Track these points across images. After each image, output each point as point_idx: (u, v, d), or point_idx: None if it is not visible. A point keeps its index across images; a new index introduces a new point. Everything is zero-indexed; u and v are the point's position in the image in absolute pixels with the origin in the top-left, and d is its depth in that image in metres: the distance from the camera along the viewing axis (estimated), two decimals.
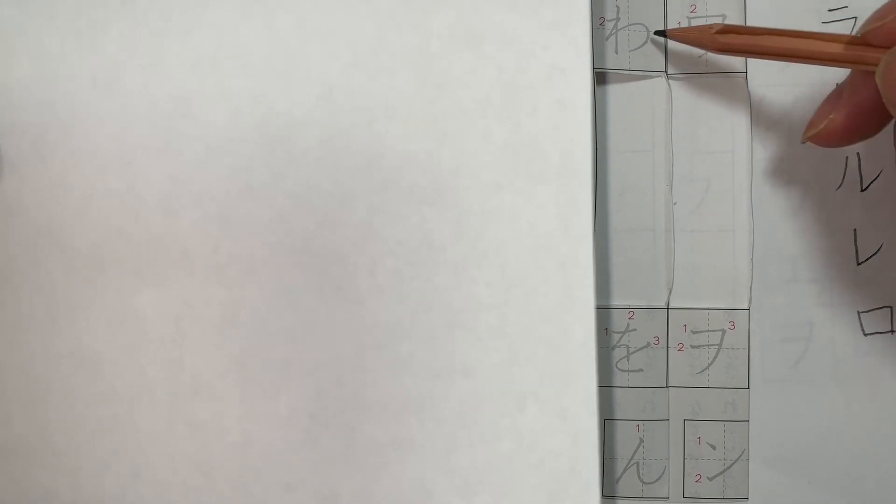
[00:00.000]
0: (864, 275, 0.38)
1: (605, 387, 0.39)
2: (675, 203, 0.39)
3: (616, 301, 0.39)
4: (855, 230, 0.38)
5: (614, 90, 0.39)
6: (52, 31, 0.36)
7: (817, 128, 0.32)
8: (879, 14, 0.30)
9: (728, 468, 0.39)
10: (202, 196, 0.36)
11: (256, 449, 0.36)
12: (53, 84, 0.36)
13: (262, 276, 0.36)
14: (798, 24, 0.38)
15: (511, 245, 0.36)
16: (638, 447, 0.39)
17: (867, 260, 0.38)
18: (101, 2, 0.36)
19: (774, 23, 0.38)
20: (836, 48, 0.31)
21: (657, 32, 0.38)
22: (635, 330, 0.39)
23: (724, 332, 0.39)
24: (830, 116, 0.32)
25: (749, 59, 0.39)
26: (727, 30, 0.34)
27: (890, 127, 0.33)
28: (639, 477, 0.39)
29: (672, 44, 0.39)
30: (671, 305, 0.39)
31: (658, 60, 0.39)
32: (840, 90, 0.33)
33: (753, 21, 0.39)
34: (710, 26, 0.35)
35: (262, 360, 0.36)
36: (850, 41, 0.32)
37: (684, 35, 0.37)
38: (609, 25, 0.39)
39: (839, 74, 0.38)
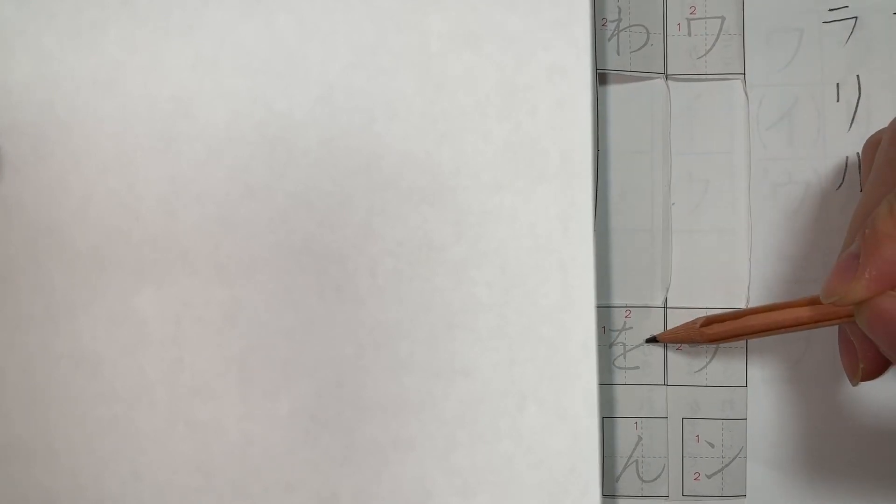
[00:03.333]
0: None
1: (604, 384, 0.39)
2: (673, 203, 0.39)
3: (614, 300, 0.39)
4: None
5: (614, 90, 0.39)
6: (51, 31, 0.36)
7: (858, 376, 0.32)
8: (828, 290, 0.30)
9: (726, 466, 0.39)
10: (202, 196, 0.36)
11: (256, 449, 0.36)
12: (53, 84, 0.36)
13: (262, 276, 0.36)
14: (798, 24, 0.39)
15: (511, 245, 0.36)
16: (637, 445, 0.39)
17: None
18: (101, 2, 0.36)
19: (775, 23, 0.38)
20: (815, 311, 0.32)
21: (648, 340, 0.39)
22: (632, 328, 0.39)
23: None
24: (861, 366, 0.32)
25: (748, 60, 0.39)
26: (710, 321, 0.35)
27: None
28: (638, 475, 0.39)
29: (672, 45, 0.39)
30: (668, 305, 0.39)
31: (658, 62, 0.39)
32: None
33: (754, 21, 0.39)
34: (695, 321, 0.36)
35: (262, 360, 0.36)
36: (814, 301, 0.32)
37: (674, 336, 0.38)
38: (611, 26, 0.39)
39: (838, 74, 0.38)
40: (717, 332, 0.35)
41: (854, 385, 0.33)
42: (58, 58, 0.36)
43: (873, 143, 0.34)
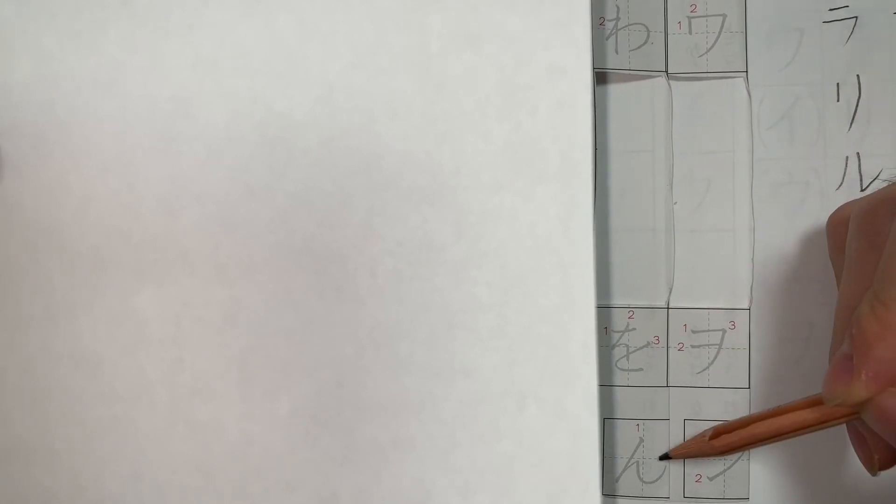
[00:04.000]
0: None
1: (605, 386, 0.39)
2: (675, 203, 0.39)
3: (616, 300, 0.39)
4: None
5: (614, 90, 0.39)
6: (52, 32, 0.36)
7: (875, 467, 0.33)
8: (830, 393, 0.31)
9: (728, 468, 0.39)
10: (202, 196, 0.36)
11: (256, 449, 0.36)
12: (53, 84, 0.36)
13: (262, 276, 0.36)
14: (799, 24, 0.39)
15: (511, 245, 0.36)
16: (638, 446, 0.39)
17: None
18: (101, 2, 0.36)
19: (775, 23, 0.38)
20: (820, 413, 0.32)
21: (662, 457, 0.39)
22: (635, 329, 0.39)
23: (724, 331, 0.39)
24: (876, 458, 0.32)
25: (749, 60, 0.39)
26: (718, 432, 0.36)
27: None
28: (639, 476, 0.39)
29: (672, 44, 0.39)
30: (671, 305, 0.39)
31: (658, 60, 0.39)
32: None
33: (755, 21, 0.39)
34: (703, 434, 0.36)
35: (262, 360, 0.36)
36: (815, 402, 0.33)
37: (686, 451, 0.38)
38: (609, 25, 0.39)
39: (838, 74, 0.38)
40: (726, 444, 0.35)
41: (874, 475, 0.33)
42: (58, 58, 0.36)
43: (838, 221, 0.35)
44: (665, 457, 0.39)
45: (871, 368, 0.29)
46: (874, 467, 0.32)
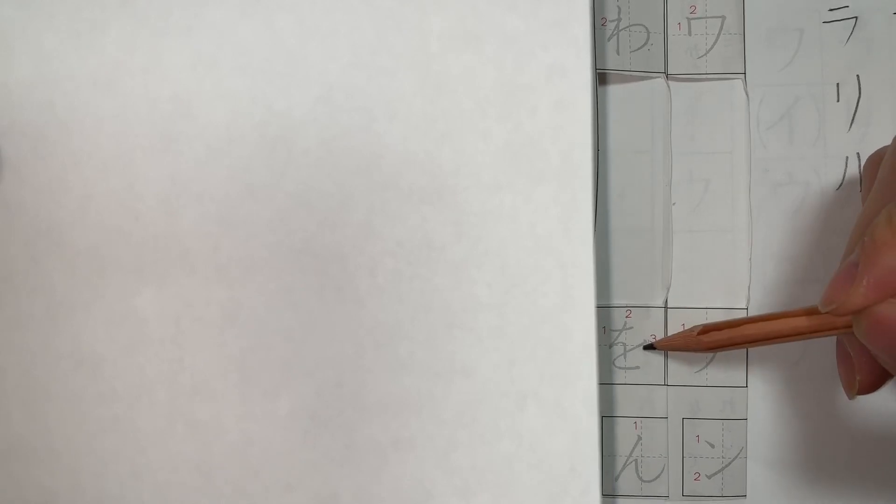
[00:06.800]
0: None
1: (604, 384, 0.39)
2: (674, 203, 0.39)
3: (614, 300, 0.39)
4: None
5: (614, 90, 0.39)
6: (52, 31, 0.36)
7: (854, 389, 0.32)
8: (827, 298, 0.30)
9: (726, 466, 0.39)
10: (202, 196, 0.36)
11: (256, 449, 0.36)
12: (53, 84, 0.36)
13: (262, 276, 0.36)
14: (798, 24, 0.39)
15: (511, 245, 0.36)
16: (636, 444, 0.39)
17: None
18: (101, 2, 0.36)
19: (774, 23, 0.38)
20: (813, 321, 0.32)
21: (646, 347, 0.39)
22: (632, 328, 0.39)
23: None
24: (858, 378, 0.32)
25: (748, 60, 0.39)
26: (707, 329, 0.35)
27: None
28: (638, 475, 0.39)
29: (672, 45, 0.39)
30: (669, 305, 0.39)
31: (658, 61, 0.39)
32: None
33: (754, 21, 0.39)
34: (692, 329, 0.36)
35: (262, 360, 0.36)
36: (812, 311, 0.32)
37: (671, 343, 0.38)
38: (611, 26, 0.39)
39: (838, 74, 0.38)
40: (714, 340, 0.35)
41: (851, 398, 0.32)
42: (58, 58, 0.36)
43: (876, 160, 0.34)
44: (649, 346, 0.39)
45: (875, 275, 0.28)
46: (854, 389, 0.32)
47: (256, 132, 0.36)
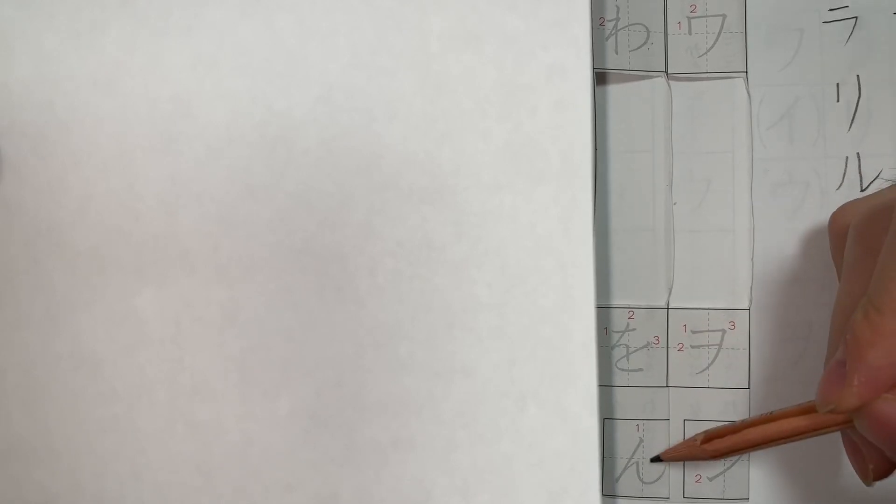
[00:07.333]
0: None
1: (605, 386, 0.39)
2: (675, 203, 0.39)
3: (616, 301, 0.39)
4: None
5: (614, 90, 0.39)
6: (52, 31, 0.36)
7: (869, 477, 0.32)
8: (822, 400, 0.30)
9: (728, 468, 0.39)
10: (202, 196, 0.36)
11: (256, 449, 0.36)
12: (53, 84, 0.36)
13: (262, 276, 0.36)
14: (798, 24, 0.39)
15: (511, 245, 0.36)
16: (638, 447, 0.39)
17: None
18: (101, 2, 0.36)
19: (775, 22, 0.38)
20: (813, 420, 0.32)
21: (653, 460, 0.39)
22: (635, 330, 0.39)
23: (724, 332, 0.39)
24: (871, 467, 0.32)
25: (749, 60, 0.39)
26: (710, 436, 0.35)
27: None
28: (639, 476, 0.39)
29: (672, 44, 0.39)
30: (671, 305, 0.39)
31: (658, 60, 0.39)
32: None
33: (754, 21, 0.39)
34: (694, 438, 0.36)
35: (262, 360, 0.36)
36: (808, 409, 0.32)
37: (677, 454, 0.38)
38: (609, 25, 0.39)
39: (838, 74, 0.38)
40: (718, 449, 0.35)
41: (868, 486, 0.32)
42: (58, 58, 0.36)
43: (839, 225, 0.35)
44: (656, 459, 0.39)
45: (864, 374, 0.29)
46: (868, 477, 0.32)
47: (256, 132, 0.36)
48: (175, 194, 0.36)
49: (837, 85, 0.38)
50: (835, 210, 0.36)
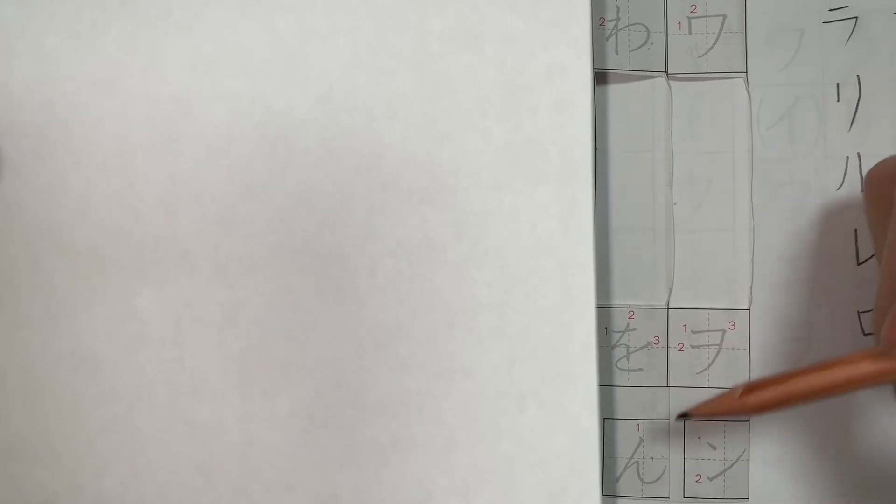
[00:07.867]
0: (864, 275, 0.38)
1: (605, 386, 0.39)
2: (675, 203, 0.39)
3: (616, 301, 0.39)
4: (855, 230, 0.38)
5: (614, 90, 0.39)
6: (52, 31, 0.36)
7: None
8: (893, 337, 0.28)
9: (728, 468, 0.39)
10: (202, 196, 0.36)
11: (256, 449, 0.36)
12: (53, 84, 0.36)
13: (262, 276, 0.36)
14: (798, 24, 0.39)
15: (511, 245, 0.36)
16: (638, 446, 0.39)
17: (867, 260, 0.38)
18: (101, 2, 0.36)
19: (775, 23, 0.38)
20: (881, 366, 0.29)
21: (680, 416, 0.35)
22: (635, 329, 0.39)
23: (724, 332, 0.39)
24: None
25: (749, 60, 0.39)
26: (752, 387, 0.31)
27: None
28: (639, 476, 0.39)
29: (672, 44, 0.39)
30: (671, 305, 0.39)
31: (658, 60, 0.39)
32: None
33: (754, 21, 0.39)
34: (732, 390, 0.32)
35: (262, 360, 0.36)
36: (874, 355, 0.29)
37: (711, 409, 0.33)
38: (609, 25, 0.39)
39: (838, 74, 0.38)
40: (761, 401, 0.31)
41: None
42: (58, 58, 0.36)
43: (880, 177, 0.33)
44: (684, 416, 0.35)
45: None
46: None
47: (256, 132, 0.36)
48: (175, 194, 0.36)
49: (837, 85, 0.38)
50: (876, 163, 0.34)
